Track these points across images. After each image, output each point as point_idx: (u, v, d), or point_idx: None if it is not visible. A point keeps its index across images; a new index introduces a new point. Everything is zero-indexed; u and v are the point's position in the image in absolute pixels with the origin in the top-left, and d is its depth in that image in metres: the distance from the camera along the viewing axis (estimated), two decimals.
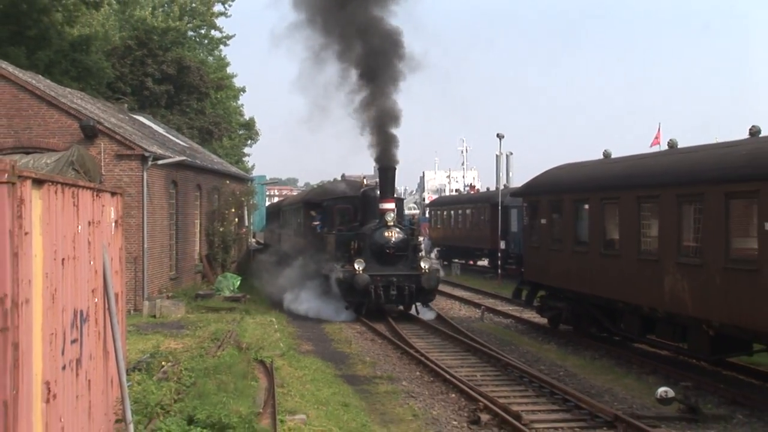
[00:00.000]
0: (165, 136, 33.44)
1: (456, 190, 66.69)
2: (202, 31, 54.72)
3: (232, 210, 32.13)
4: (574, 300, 18.98)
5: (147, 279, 22.51)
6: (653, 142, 30.04)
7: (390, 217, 22.82)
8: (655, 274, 14.84)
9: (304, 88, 40.18)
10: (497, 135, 37.13)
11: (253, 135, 62.70)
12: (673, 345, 15.79)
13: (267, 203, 55.39)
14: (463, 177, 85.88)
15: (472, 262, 42.94)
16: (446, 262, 39.92)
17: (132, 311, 21.34)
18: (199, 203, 29.56)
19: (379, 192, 24.01)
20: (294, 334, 20.51)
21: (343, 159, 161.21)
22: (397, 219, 23.75)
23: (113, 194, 9.30)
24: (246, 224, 36.05)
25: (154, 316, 21.55)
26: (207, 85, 48.03)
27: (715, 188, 13.28)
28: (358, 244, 23.27)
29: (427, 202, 69.41)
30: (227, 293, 26.36)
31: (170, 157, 24.69)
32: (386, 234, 22.73)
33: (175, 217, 26.04)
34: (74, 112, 22.26)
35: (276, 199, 74.95)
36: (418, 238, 24.77)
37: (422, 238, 28.69)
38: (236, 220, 32.51)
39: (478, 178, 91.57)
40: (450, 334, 19.73)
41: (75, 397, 7.02)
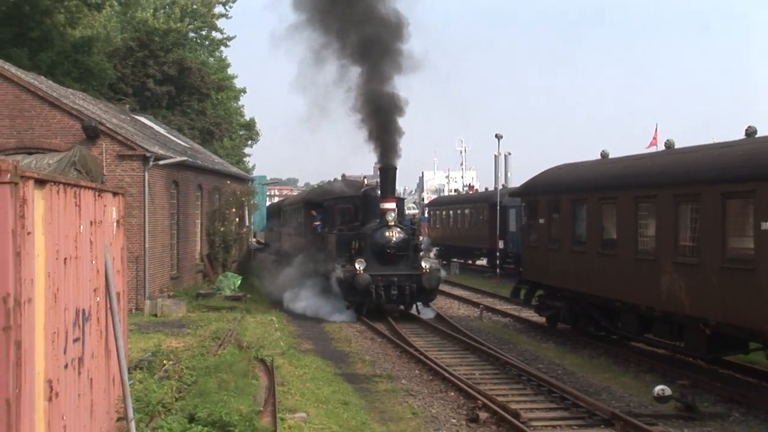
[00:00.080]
0: (166, 136, 33.52)
1: (455, 190, 66.74)
2: (203, 33, 54.77)
3: (233, 210, 32.19)
4: (572, 299, 19.03)
5: (148, 278, 22.59)
6: (651, 143, 30.05)
7: (391, 217, 22.78)
8: (653, 273, 14.90)
9: (303, 88, 40.06)
10: (496, 135, 37.27)
11: (253, 135, 62.72)
12: (670, 344, 15.83)
13: (267, 203, 55.40)
14: (462, 177, 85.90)
15: (470, 262, 42.91)
16: (445, 262, 39.91)
17: (133, 310, 21.45)
18: (200, 203, 29.63)
19: (379, 192, 23.99)
20: (294, 333, 20.58)
21: (343, 159, 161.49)
22: (398, 219, 23.71)
23: (115, 194, 9.32)
24: (247, 224, 36.08)
25: (156, 315, 21.66)
26: (208, 86, 48.10)
27: (711, 188, 13.34)
28: (359, 243, 23.21)
29: (426, 202, 69.43)
30: (228, 292, 26.42)
31: (171, 158, 24.78)
32: (387, 234, 22.69)
33: (176, 216, 26.11)
34: (76, 113, 22.36)
35: (276, 199, 74.89)
36: (419, 238, 24.77)
37: (422, 237, 28.70)
38: (237, 219, 32.56)
39: (477, 178, 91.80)
40: (449, 333, 19.76)
41: (77, 395, 7.04)
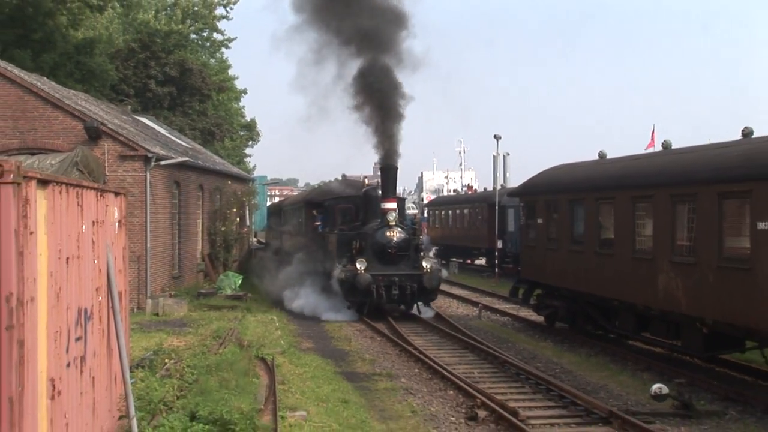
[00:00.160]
0: (167, 137, 33.62)
1: (454, 191, 66.79)
2: (204, 34, 54.86)
3: (234, 210, 32.30)
4: (570, 298, 19.09)
5: (150, 278, 22.70)
6: (648, 145, 30.04)
7: (392, 217, 22.77)
8: (650, 272, 14.97)
9: (303, 88, 40.13)
10: (494, 136, 37.54)
11: (254, 136, 62.81)
12: (667, 342, 15.90)
13: (268, 203, 55.48)
14: (461, 177, 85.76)
15: (469, 261, 42.92)
16: (444, 261, 39.93)
17: (135, 309, 21.56)
18: (201, 203, 29.73)
19: (380, 191, 23.97)
20: (294, 332, 20.66)
21: (343, 159, 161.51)
22: (399, 218, 23.73)
23: (117, 194, 9.40)
24: (247, 224, 36.21)
25: (157, 314, 21.76)
26: (209, 87, 48.21)
27: (708, 188, 13.40)
28: (360, 243, 23.17)
29: (425, 202, 69.44)
30: (229, 292, 26.51)
31: (173, 158, 24.88)
32: (388, 234, 22.67)
33: (177, 216, 26.22)
34: (78, 114, 22.47)
35: (277, 199, 74.94)
36: (420, 237, 24.84)
37: (423, 237, 28.77)
38: (238, 219, 32.67)
39: (476, 178, 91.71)
40: (448, 332, 19.80)
41: (79, 393, 7.10)
